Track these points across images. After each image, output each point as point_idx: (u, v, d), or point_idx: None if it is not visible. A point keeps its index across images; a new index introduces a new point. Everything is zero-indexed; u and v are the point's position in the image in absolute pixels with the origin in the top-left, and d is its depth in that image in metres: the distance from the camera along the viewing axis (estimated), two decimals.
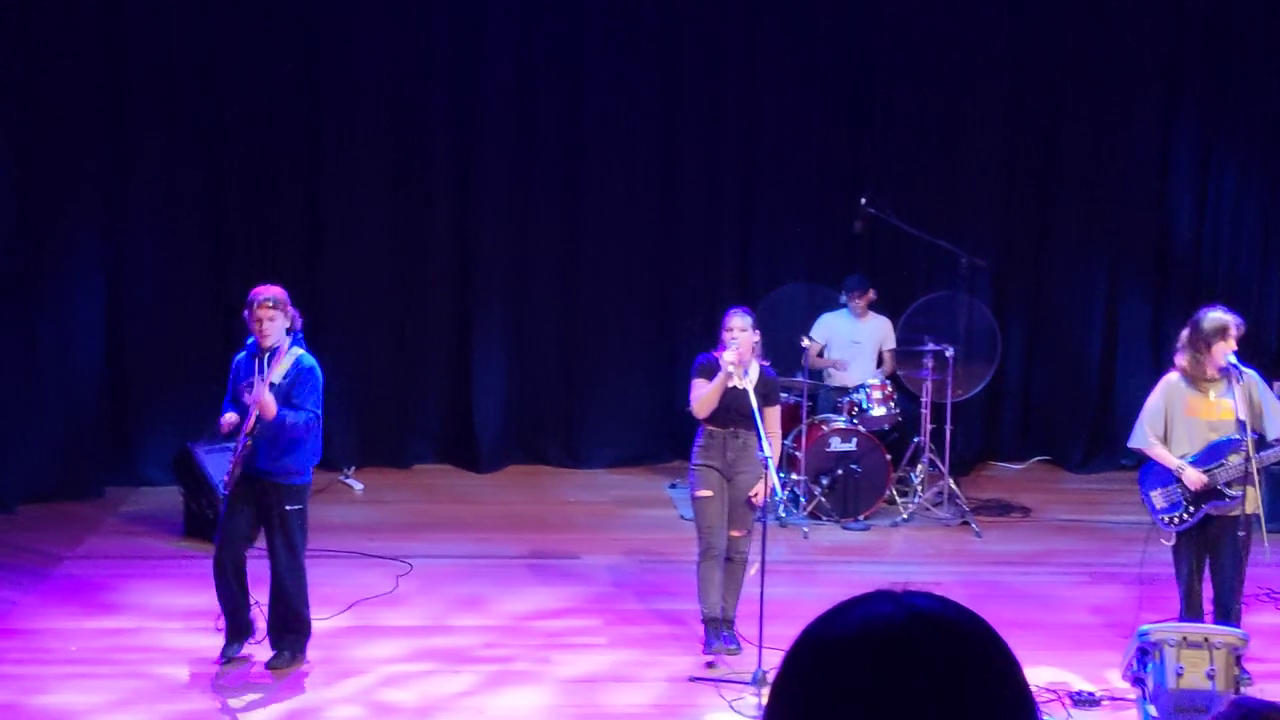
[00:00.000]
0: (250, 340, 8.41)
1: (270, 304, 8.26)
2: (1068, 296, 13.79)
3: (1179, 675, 7.27)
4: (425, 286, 13.02)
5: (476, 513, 11.63)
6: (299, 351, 8.36)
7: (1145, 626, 7.61)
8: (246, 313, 8.36)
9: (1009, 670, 1.62)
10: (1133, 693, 7.68)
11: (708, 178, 13.44)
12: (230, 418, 8.30)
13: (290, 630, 8.40)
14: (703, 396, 8.60)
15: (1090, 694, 8.03)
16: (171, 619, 9.15)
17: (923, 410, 11.90)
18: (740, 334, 8.58)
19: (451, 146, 13.09)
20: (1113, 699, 8.01)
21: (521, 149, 13.21)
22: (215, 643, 8.61)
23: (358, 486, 12.58)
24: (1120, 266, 13.67)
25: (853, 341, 12.33)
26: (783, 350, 11.56)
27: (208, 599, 9.46)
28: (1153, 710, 7.35)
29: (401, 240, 13.04)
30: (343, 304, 12.83)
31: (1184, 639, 7.37)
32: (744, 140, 13.46)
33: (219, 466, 10.77)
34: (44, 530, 11.04)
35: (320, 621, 8.90)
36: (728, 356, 8.49)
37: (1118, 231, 13.63)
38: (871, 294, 12.36)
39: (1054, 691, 8.02)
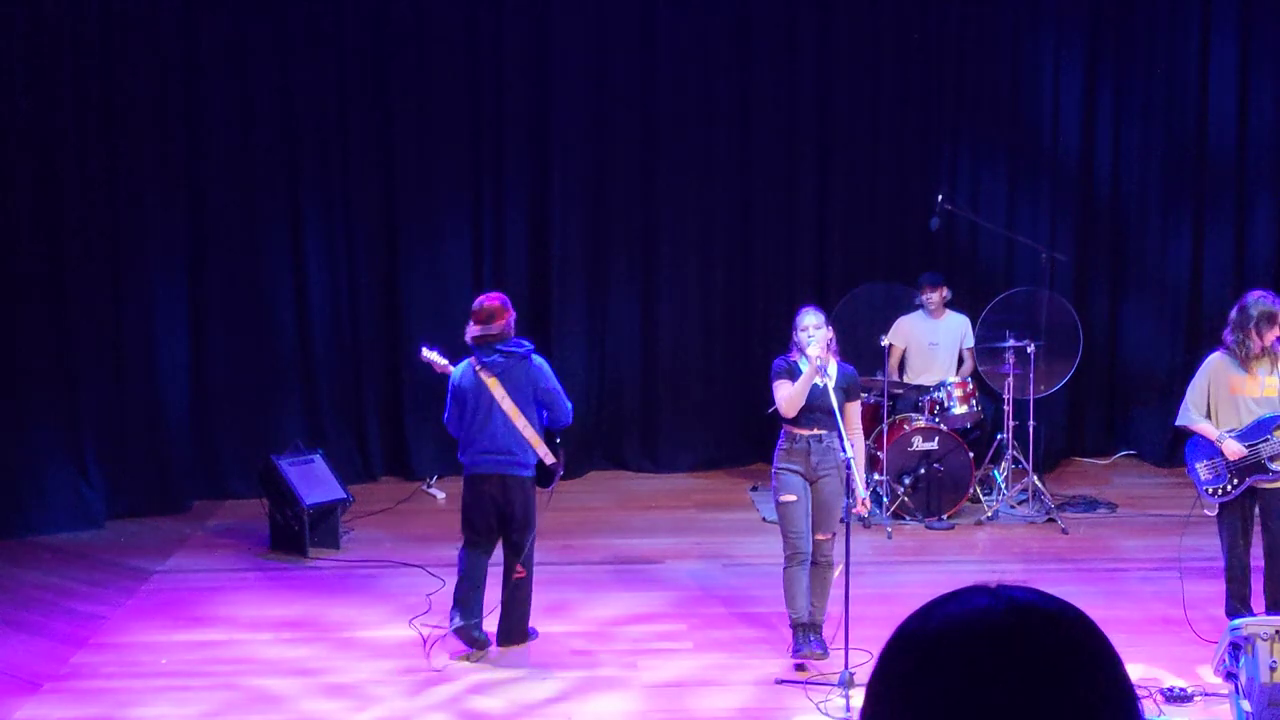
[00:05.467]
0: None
1: None
2: (1150, 289, 13.67)
3: (1272, 669, 7.17)
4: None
5: (559, 519, 11.62)
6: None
7: (1237, 621, 7.52)
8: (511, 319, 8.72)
9: (1108, 660, 1.60)
10: (1225, 688, 7.59)
11: (783, 180, 13.44)
12: None
13: None
14: (790, 395, 8.52)
15: (1183, 689, 7.94)
16: (261, 630, 9.23)
17: (1005, 407, 11.82)
18: (815, 331, 8.54)
19: (527, 155, 13.14)
20: (1205, 694, 7.92)
21: (596, 159, 13.27)
22: (304, 653, 8.72)
23: (440, 496, 12.65)
24: (1204, 257, 13.53)
25: (930, 343, 12.26)
26: (863, 350, 11.52)
27: (295, 609, 9.58)
28: (1246, 705, 7.26)
29: (478, 251, 13.11)
30: (421, 313, 12.91)
31: (1277, 632, 7.28)
32: (818, 140, 13.45)
33: (302, 478, 10.91)
34: (133, 545, 11.17)
35: (402, 630, 9.03)
36: (813, 351, 8.43)
37: (1200, 222, 13.50)
38: (946, 291, 12.29)
39: (1146, 687, 7.94)
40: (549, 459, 8.71)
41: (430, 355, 9.08)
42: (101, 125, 11.70)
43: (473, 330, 8.67)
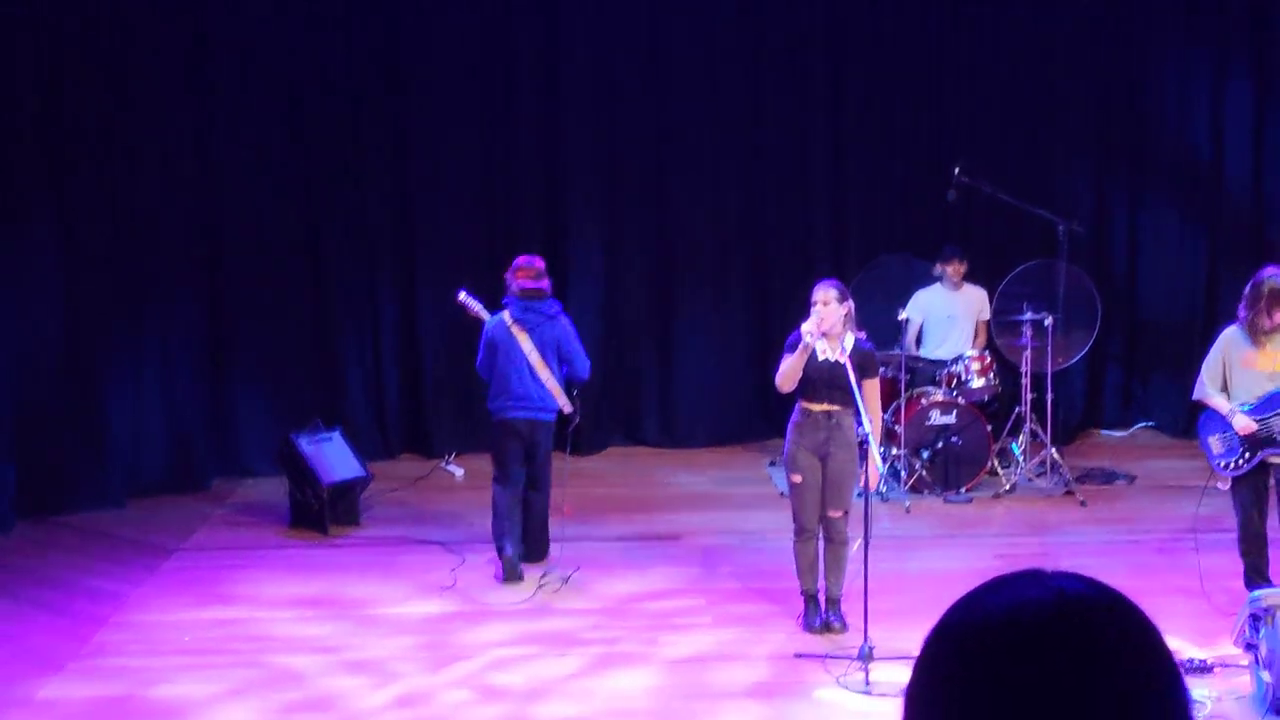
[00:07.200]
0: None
1: None
2: (1167, 260, 13.64)
3: None
4: None
5: (577, 496, 11.64)
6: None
7: (1256, 592, 7.54)
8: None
9: (1159, 657, 1.56)
10: (1245, 659, 7.60)
11: (798, 151, 13.42)
12: None
13: None
14: (783, 370, 8.50)
15: (1202, 661, 7.93)
16: (282, 607, 9.28)
17: (1023, 380, 11.80)
18: (823, 306, 8.47)
19: (537, 128, 13.14)
20: (1225, 665, 7.90)
21: (608, 127, 13.25)
22: (325, 631, 8.77)
23: (458, 473, 12.67)
24: (1218, 228, 13.50)
25: (948, 316, 12.24)
26: (880, 324, 11.53)
27: (316, 587, 9.62)
28: (1266, 676, 7.26)
29: (492, 227, 13.10)
30: (437, 292, 12.91)
31: None
32: (833, 111, 13.43)
33: (322, 456, 10.94)
34: (154, 524, 11.21)
35: (422, 607, 9.05)
36: (806, 326, 8.40)
37: (1215, 193, 13.47)
38: (964, 265, 12.27)
39: None
40: (567, 408, 9.80)
41: (468, 299, 9.90)
42: (116, 104, 11.70)
43: (524, 283, 9.69)
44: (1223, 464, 8.79)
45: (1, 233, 11.19)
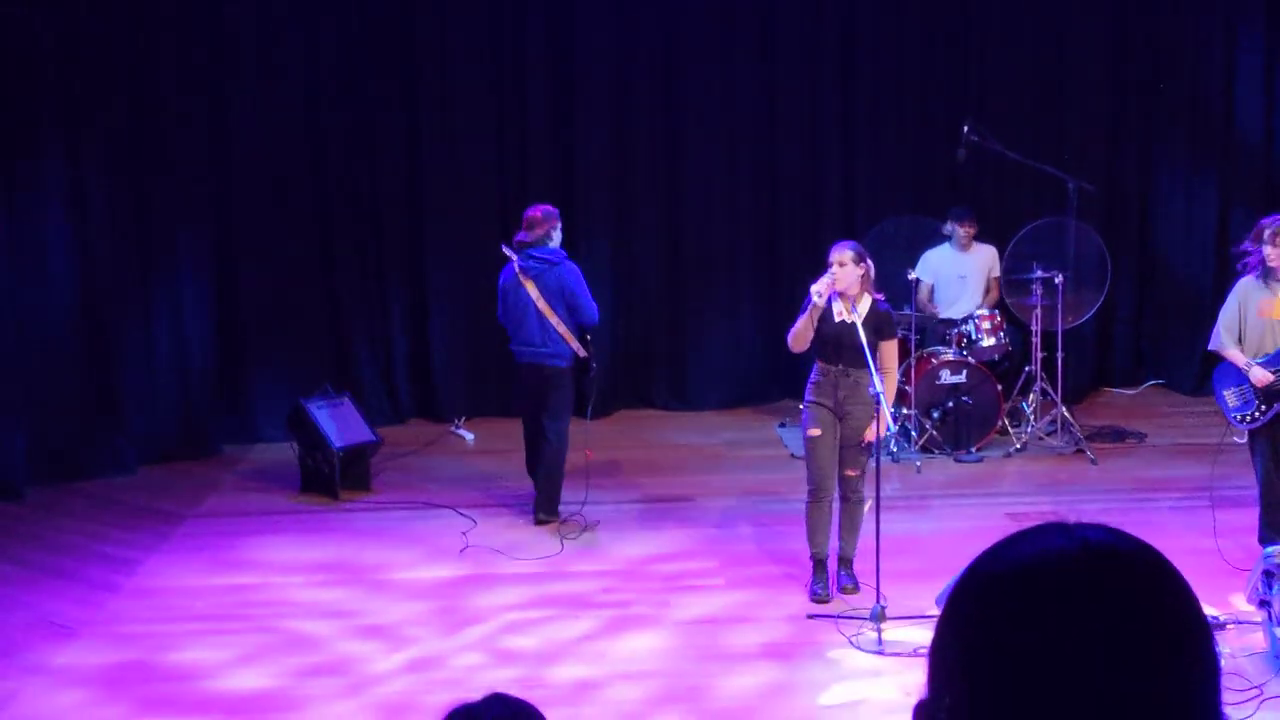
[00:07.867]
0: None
1: None
2: (1177, 218, 13.60)
3: None
4: None
5: (587, 459, 11.68)
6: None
7: (1270, 549, 7.52)
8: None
9: (1184, 604, 1.55)
10: (1259, 616, 7.59)
11: (808, 111, 13.37)
12: None
13: None
14: (793, 331, 8.51)
15: (1215, 618, 7.93)
16: (294, 573, 9.29)
17: (1033, 338, 11.78)
18: (839, 267, 8.46)
19: (549, 86, 13.07)
20: (1238, 623, 7.90)
21: (619, 90, 13.20)
22: (338, 596, 8.79)
23: (469, 437, 12.68)
24: (1230, 185, 13.46)
25: (958, 276, 12.21)
26: (889, 283, 11.49)
27: (328, 552, 9.63)
28: None
29: (502, 189, 13.06)
30: (448, 256, 12.91)
31: None
32: (843, 70, 13.37)
33: (332, 421, 10.95)
34: (165, 490, 11.23)
35: (435, 571, 9.07)
36: (815, 287, 8.39)
37: (1226, 150, 13.43)
38: (974, 227, 12.23)
39: None
40: (582, 352, 10.03)
41: (508, 250, 10.11)
42: (129, 74, 11.68)
43: (518, 235, 10.03)
44: (1239, 417, 8.77)
45: (16, 201, 11.20)
